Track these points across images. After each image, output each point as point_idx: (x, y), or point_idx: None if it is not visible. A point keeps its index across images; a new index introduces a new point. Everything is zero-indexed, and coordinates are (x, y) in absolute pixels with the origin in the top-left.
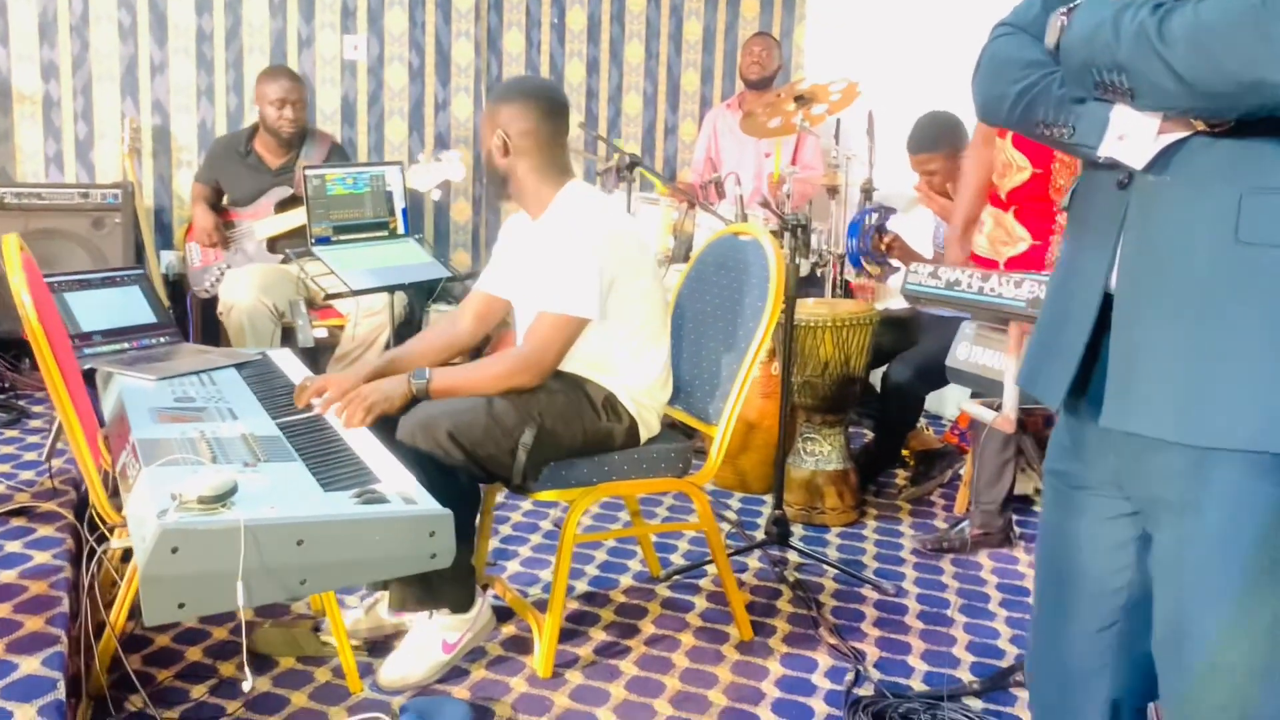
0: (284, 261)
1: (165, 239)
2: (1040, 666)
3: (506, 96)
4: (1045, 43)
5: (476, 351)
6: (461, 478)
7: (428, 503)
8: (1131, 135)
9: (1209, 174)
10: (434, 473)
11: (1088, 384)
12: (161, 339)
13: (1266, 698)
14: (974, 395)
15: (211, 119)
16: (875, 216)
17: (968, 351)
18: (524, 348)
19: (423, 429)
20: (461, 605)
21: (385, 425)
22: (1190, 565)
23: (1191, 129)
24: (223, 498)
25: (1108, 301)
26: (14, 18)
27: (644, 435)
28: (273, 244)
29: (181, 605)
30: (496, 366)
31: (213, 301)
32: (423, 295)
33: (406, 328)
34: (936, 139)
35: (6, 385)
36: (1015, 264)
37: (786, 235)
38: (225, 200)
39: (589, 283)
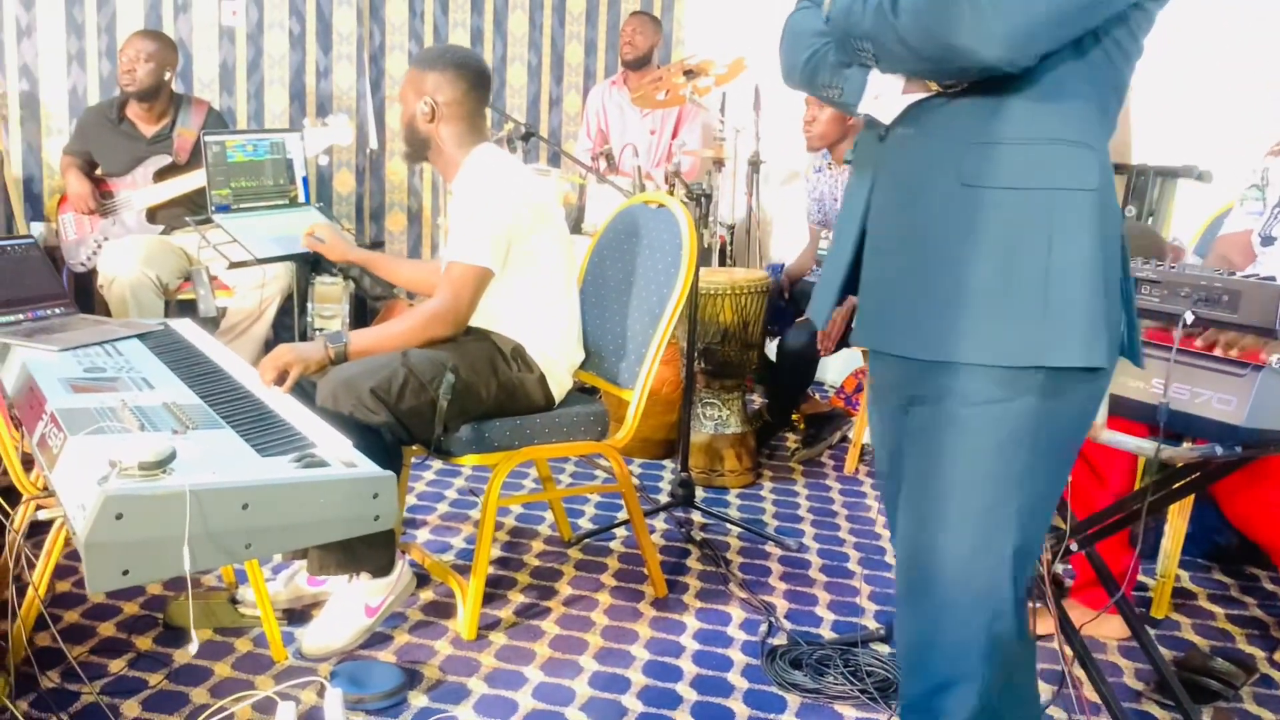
0: (165, 232)
1: (35, 210)
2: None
3: (436, 64)
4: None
5: None
6: (386, 437)
7: (368, 465)
8: (883, 95)
9: (941, 128)
10: (357, 435)
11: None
12: (57, 309)
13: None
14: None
15: (83, 86)
16: None
17: None
18: (436, 298)
19: (344, 389)
20: (383, 569)
21: (307, 394)
22: (923, 452)
23: (929, 90)
24: (163, 463)
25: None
26: None
27: (555, 390)
28: (152, 215)
29: (126, 572)
30: (411, 319)
31: (88, 275)
32: (306, 267)
33: (290, 300)
34: None
35: None
36: None
37: (691, 205)
38: (99, 171)
39: (488, 235)
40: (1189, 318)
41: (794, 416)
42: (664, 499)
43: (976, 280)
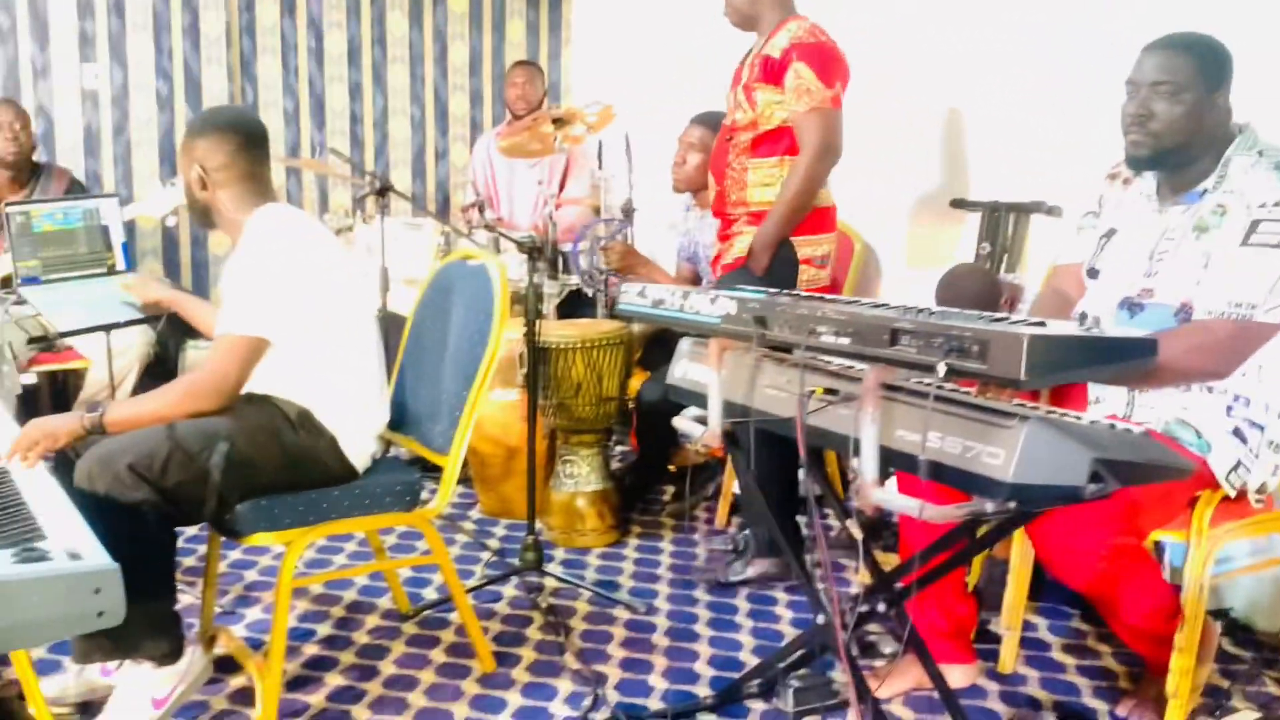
0: None
1: None
2: None
3: (201, 129)
4: None
5: None
6: (149, 517)
7: (96, 558)
8: None
9: None
10: (117, 516)
11: None
12: None
13: None
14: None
15: None
16: (587, 242)
17: (684, 369)
18: (201, 370)
19: (101, 466)
20: (165, 657)
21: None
22: None
23: None
24: None
25: None
26: None
27: (352, 457)
28: None
29: None
30: (173, 392)
31: None
32: (179, 332)
33: (159, 367)
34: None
35: None
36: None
37: (527, 258)
38: None
39: (265, 301)
40: (942, 369)
41: (670, 468)
42: (518, 563)
43: None
